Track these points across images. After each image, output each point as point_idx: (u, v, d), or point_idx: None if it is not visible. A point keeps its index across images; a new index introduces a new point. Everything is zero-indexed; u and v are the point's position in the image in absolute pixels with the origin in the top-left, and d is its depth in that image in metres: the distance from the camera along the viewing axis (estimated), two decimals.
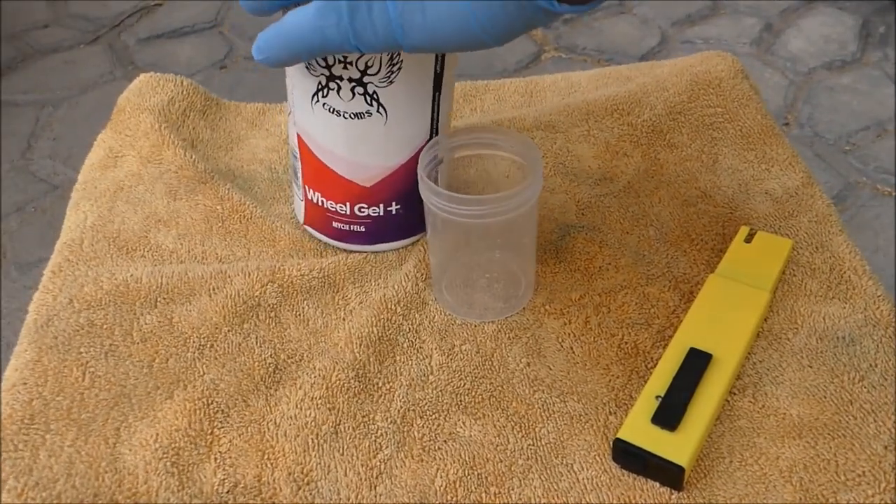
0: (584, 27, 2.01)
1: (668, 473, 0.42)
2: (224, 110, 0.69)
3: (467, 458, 0.44)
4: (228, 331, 0.51)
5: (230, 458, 0.44)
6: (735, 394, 0.47)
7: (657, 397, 0.44)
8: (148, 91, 0.67)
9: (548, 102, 0.70)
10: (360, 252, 0.56)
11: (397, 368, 0.49)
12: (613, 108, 0.66)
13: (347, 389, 0.48)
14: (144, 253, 0.56)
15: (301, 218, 0.58)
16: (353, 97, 0.49)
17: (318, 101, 0.50)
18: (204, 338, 0.50)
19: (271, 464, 0.44)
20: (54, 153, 1.75)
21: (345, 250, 0.56)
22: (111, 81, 1.93)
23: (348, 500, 0.43)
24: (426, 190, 0.48)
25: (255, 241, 0.57)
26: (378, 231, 0.55)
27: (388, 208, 0.54)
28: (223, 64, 1.94)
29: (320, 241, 0.57)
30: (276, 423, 0.46)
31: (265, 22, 0.46)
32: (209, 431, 0.45)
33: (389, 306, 0.52)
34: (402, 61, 0.48)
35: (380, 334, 0.50)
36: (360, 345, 0.50)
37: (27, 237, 1.56)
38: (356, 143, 0.51)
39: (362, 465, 0.44)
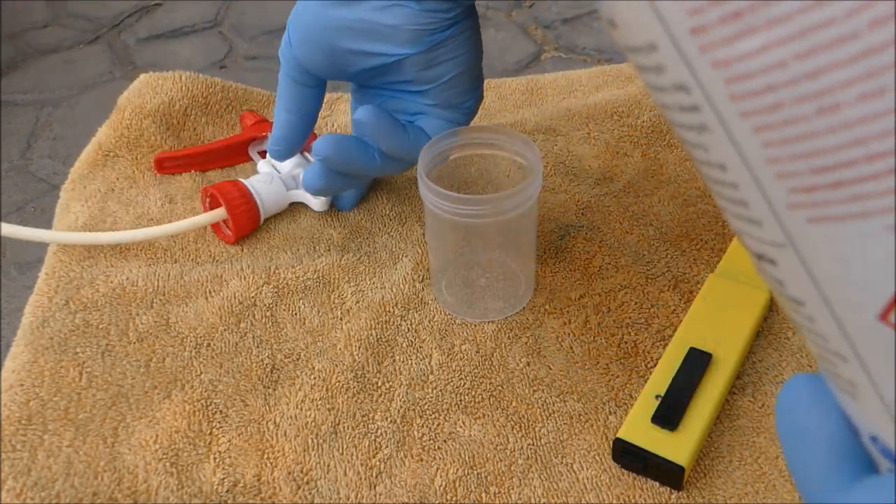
0: (584, 27, 2.01)
1: (667, 473, 0.42)
2: (231, 96, 0.68)
3: (467, 458, 0.44)
4: (225, 330, 0.51)
5: (229, 457, 0.44)
6: (735, 393, 0.47)
7: (657, 397, 0.44)
8: (148, 92, 0.67)
9: (549, 103, 0.69)
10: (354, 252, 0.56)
11: (397, 368, 0.49)
12: (613, 111, 0.66)
13: (346, 389, 0.47)
14: (138, 252, 0.56)
15: None
16: None
17: None
18: (200, 337, 0.50)
19: (271, 463, 0.44)
20: (54, 153, 1.75)
21: None
22: (111, 81, 1.94)
23: (348, 499, 0.43)
24: (426, 190, 0.48)
25: (248, 238, 0.57)
26: None
27: None
28: (223, 64, 1.94)
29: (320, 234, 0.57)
30: (275, 422, 0.46)
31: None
32: (208, 431, 0.45)
33: (388, 307, 0.52)
34: None
35: (378, 335, 0.50)
36: (359, 346, 0.50)
37: None
38: None
39: (362, 465, 0.44)
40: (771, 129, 0.15)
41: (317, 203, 0.58)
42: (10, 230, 0.53)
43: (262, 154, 0.63)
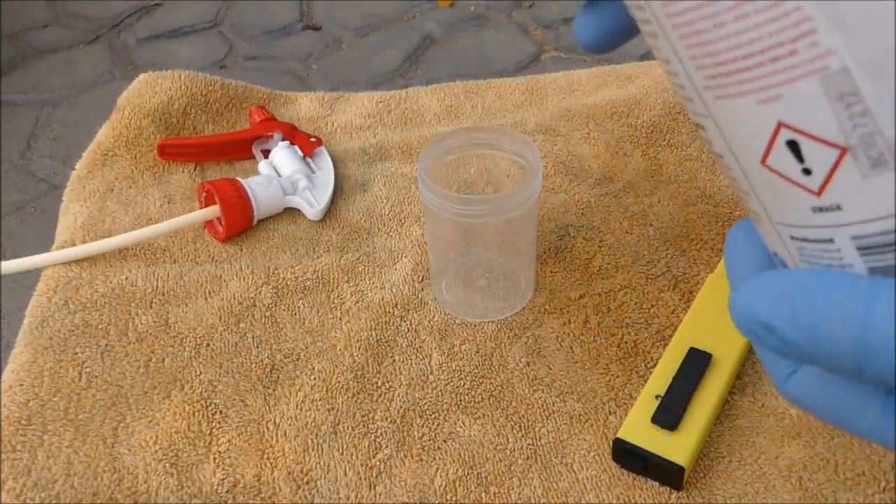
0: None
1: (667, 473, 0.42)
2: (231, 94, 0.68)
3: (467, 458, 0.44)
4: (224, 330, 0.51)
5: (229, 457, 0.44)
6: (735, 393, 0.47)
7: (657, 397, 0.44)
8: (147, 91, 0.67)
9: (549, 103, 0.69)
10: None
11: (396, 368, 0.49)
12: (613, 111, 0.66)
13: (346, 389, 0.47)
14: (137, 252, 0.56)
15: None
16: None
17: None
18: (200, 338, 0.50)
19: (270, 463, 0.44)
20: (54, 153, 1.75)
21: None
22: (111, 81, 1.94)
23: (348, 499, 0.43)
24: (426, 190, 0.48)
25: (247, 238, 0.57)
26: None
27: None
28: (223, 64, 1.94)
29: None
30: (275, 422, 0.46)
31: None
32: (207, 432, 0.45)
33: (388, 308, 0.52)
34: None
35: (378, 335, 0.50)
36: (359, 346, 0.50)
37: (27, 237, 1.56)
38: None
39: (362, 465, 0.44)
40: (689, 38, 0.24)
41: (312, 212, 0.58)
42: (10, 266, 0.54)
43: (266, 153, 0.63)
